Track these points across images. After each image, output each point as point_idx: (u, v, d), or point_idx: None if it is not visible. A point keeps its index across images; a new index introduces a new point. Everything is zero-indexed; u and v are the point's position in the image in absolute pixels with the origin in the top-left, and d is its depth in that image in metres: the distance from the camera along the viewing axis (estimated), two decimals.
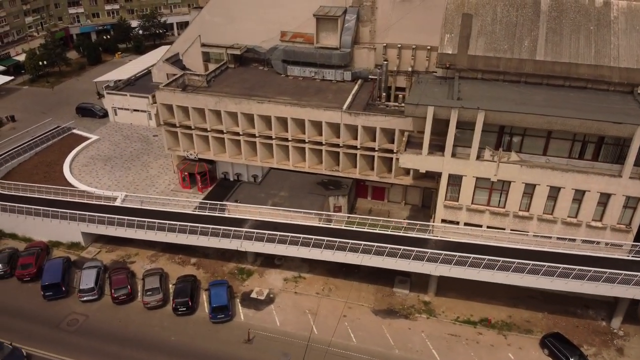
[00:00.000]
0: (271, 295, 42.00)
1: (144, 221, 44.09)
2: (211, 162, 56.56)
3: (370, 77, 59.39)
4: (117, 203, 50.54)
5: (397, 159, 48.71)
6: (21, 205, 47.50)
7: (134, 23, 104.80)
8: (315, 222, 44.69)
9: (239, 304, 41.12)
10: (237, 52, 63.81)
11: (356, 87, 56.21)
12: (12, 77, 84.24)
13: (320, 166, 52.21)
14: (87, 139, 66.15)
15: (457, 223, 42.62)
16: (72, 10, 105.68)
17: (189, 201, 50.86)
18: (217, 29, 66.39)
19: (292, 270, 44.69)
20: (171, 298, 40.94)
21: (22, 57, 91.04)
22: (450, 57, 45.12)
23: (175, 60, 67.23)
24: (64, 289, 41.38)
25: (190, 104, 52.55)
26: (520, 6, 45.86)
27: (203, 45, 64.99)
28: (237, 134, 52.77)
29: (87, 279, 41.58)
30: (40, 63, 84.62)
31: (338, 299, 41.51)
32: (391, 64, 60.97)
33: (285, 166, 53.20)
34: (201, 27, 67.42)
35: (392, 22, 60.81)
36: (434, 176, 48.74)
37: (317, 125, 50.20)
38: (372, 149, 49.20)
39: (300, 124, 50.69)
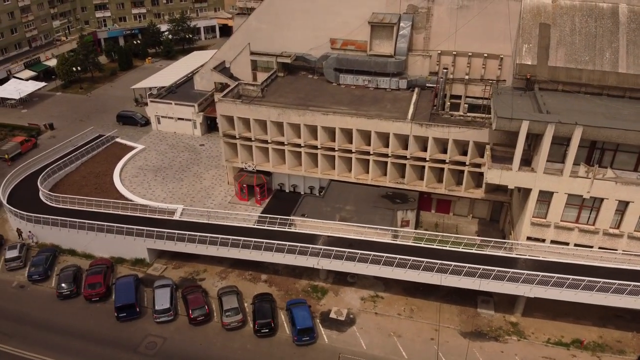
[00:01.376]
0: (351, 316, 40.51)
1: (217, 238, 42.50)
2: (268, 174, 55.10)
3: (427, 85, 58.09)
4: (176, 217, 49.08)
5: (469, 172, 47.68)
6: (82, 220, 45.90)
7: (163, 27, 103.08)
8: (387, 239, 43.32)
9: (320, 325, 39.60)
10: (288, 60, 62.36)
11: (415, 96, 54.77)
12: (45, 84, 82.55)
13: (383, 178, 50.80)
14: (132, 148, 64.62)
15: (543, 241, 41.22)
16: (99, 14, 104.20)
17: (256, 215, 49.20)
18: (264, 36, 65.05)
19: (367, 288, 43.21)
20: (251, 318, 39.45)
21: (52, 62, 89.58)
22: (530, 68, 43.75)
23: (222, 69, 65.71)
24: (138, 309, 39.82)
25: (252, 115, 51.10)
26: (599, 17, 44.62)
27: (252, 53, 63.48)
28: (298, 145, 51.34)
29: (161, 298, 40.04)
30: (74, 69, 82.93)
31: (421, 321, 40.04)
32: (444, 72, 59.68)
33: (347, 178, 51.77)
34: (247, 34, 66.01)
35: (448, 29, 59.56)
36: (506, 189, 47.54)
37: (382, 137, 48.82)
38: (442, 161, 47.82)
39: (364, 135, 49.30)
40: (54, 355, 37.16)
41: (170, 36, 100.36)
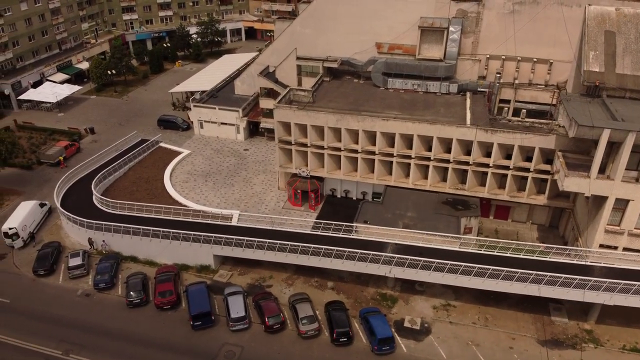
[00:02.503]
0: (426, 325, 40.30)
1: (286, 244, 42.35)
2: (320, 179, 54.89)
3: (479, 89, 58.01)
4: (234, 222, 48.89)
5: (532, 178, 47.51)
6: (147, 227, 45.66)
7: (192, 30, 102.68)
8: (455, 247, 43.20)
9: (396, 334, 39.36)
10: (335, 64, 62.21)
11: (469, 100, 54.62)
12: (80, 87, 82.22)
13: (442, 184, 50.60)
14: (177, 153, 64.28)
15: (615, 248, 41.12)
16: (126, 17, 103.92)
17: (312, 221, 49.07)
18: (308, 41, 65.02)
19: (437, 297, 43.01)
20: (325, 326, 39.31)
21: (83, 65, 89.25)
22: (598, 75, 43.68)
23: (266, 73, 65.46)
24: (213, 317, 39.57)
25: (309, 121, 50.90)
26: None
27: (299, 58, 63.28)
28: (355, 151, 51.15)
29: (236, 306, 39.76)
30: (108, 72, 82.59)
31: (497, 329, 39.85)
32: (492, 76, 59.67)
33: (404, 184, 51.57)
34: (291, 39, 65.92)
35: (497, 34, 59.50)
36: (569, 195, 47.42)
37: (443, 142, 48.68)
38: (506, 167, 47.65)
39: (424, 140, 49.14)
40: None
41: (199, 39, 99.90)
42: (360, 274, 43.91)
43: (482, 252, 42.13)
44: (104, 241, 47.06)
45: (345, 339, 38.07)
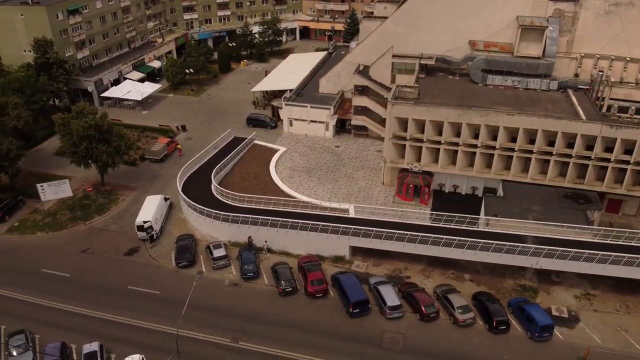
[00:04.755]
0: (573, 313, 41.54)
1: (429, 237, 43.60)
2: (430, 174, 56.05)
3: (579, 86, 59.23)
4: (351, 215, 50.03)
5: None
6: (286, 219, 46.86)
7: (253, 30, 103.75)
8: (588, 238, 44.50)
9: None
10: (431, 62, 63.47)
11: (574, 97, 55.85)
12: (160, 85, 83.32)
13: (560, 179, 51.80)
14: (272, 150, 65.43)
15: None
16: (186, 16, 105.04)
17: (437, 214, 50.17)
18: (399, 39, 66.10)
19: (575, 287, 44.25)
20: (482, 315, 40.60)
21: (155, 64, 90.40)
22: None
23: (359, 71, 66.58)
24: (370, 306, 40.75)
25: (428, 116, 52.13)
26: None
27: (394, 55, 64.46)
28: (474, 146, 52.36)
29: (389, 295, 40.96)
30: (187, 71, 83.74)
31: None
32: (585, 74, 61.11)
33: (521, 179, 52.77)
34: (381, 38, 67.16)
35: (592, 33, 60.86)
36: None
37: (565, 137, 49.83)
38: (626, 162, 48.84)
39: (546, 135, 50.31)
40: (302, 351, 38.09)
41: (263, 39, 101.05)
42: (495, 266, 45.23)
43: (612, 242, 43.42)
44: (266, 241, 47.99)
45: (504, 327, 39.30)
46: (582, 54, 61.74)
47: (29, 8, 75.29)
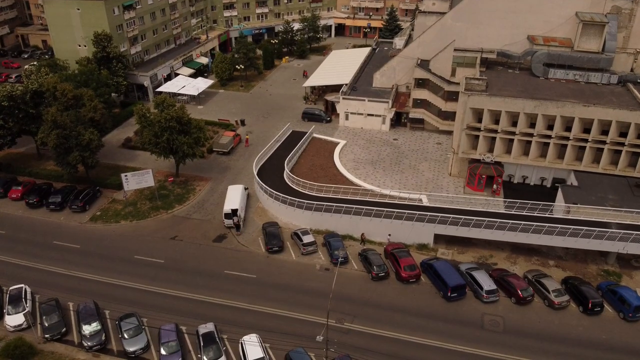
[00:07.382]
0: None
1: (519, 224, 44.81)
2: (500, 165, 57.20)
3: (639, 80, 60.43)
4: (425, 204, 51.27)
5: None
6: (370, 208, 48.09)
7: (295, 27, 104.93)
8: None
9: None
10: (492, 55, 64.69)
11: (635, 91, 57.04)
12: (212, 81, 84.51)
13: (630, 169, 53.04)
14: (332, 142, 66.64)
15: None
16: (226, 14, 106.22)
17: (501, 201, 51.42)
18: (457, 34, 67.33)
19: None
20: (575, 299, 41.86)
21: (202, 60, 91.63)
22: None
23: (419, 65, 67.79)
24: (467, 290, 41.97)
25: (505, 107, 53.39)
26: None
27: (456, 49, 65.67)
28: (548, 136, 53.56)
29: (485, 280, 42.23)
30: (237, 67, 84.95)
31: None
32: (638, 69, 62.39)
33: (592, 169, 53.97)
34: (440, 32, 68.48)
35: None
36: None
37: (636, 128, 51.06)
38: None
39: (619, 126, 51.48)
40: (408, 332, 39.34)
41: (304, 36, 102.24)
42: (577, 252, 46.50)
43: None
44: (389, 234, 48.85)
45: (599, 309, 40.55)
46: (638, 49, 63.11)
47: (86, 2, 76.30)
